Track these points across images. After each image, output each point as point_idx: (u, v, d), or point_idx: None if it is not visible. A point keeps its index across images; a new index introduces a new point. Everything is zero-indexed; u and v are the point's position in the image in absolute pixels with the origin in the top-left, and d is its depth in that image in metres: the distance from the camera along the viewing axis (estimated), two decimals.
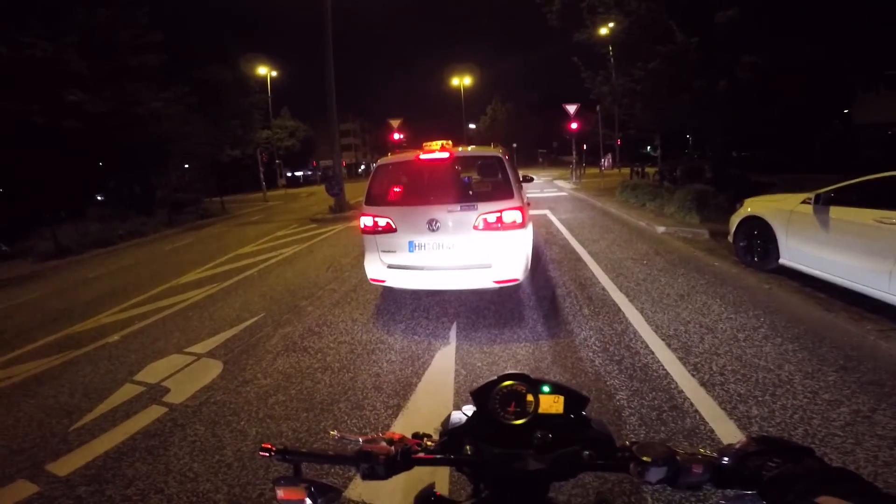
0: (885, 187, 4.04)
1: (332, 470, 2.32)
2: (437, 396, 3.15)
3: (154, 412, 3.27)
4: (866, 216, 3.95)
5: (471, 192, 4.91)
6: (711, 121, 11.90)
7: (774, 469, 0.59)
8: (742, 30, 9.45)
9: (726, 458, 0.66)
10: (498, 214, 4.31)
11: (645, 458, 0.67)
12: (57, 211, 14.77)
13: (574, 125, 19.93)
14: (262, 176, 28.71)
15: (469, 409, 0.84)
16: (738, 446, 0.66)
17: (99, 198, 19.08)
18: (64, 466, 2.72)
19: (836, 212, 4.33)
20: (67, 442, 3.00)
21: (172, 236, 14.49)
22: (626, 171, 23.84)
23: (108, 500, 2.38)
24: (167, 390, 3.61)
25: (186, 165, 24.23)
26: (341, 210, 14.93)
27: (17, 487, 2.56)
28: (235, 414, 3.13)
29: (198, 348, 4.42)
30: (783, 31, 9.20)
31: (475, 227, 4.33)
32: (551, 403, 0.79)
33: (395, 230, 4.53)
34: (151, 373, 3.98)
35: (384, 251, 4.62)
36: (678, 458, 0.67)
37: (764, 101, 10.62)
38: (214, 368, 3.91)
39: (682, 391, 2.95)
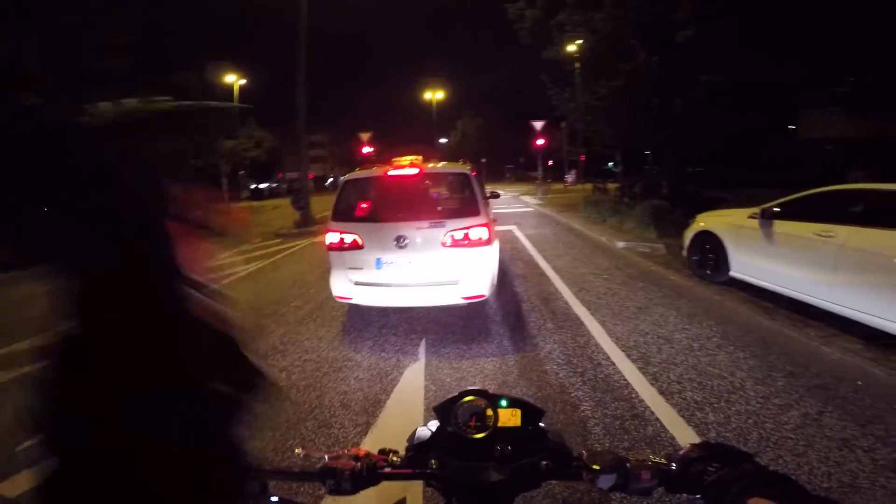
0: (824, 202, 4.38)
1: (302, 488, 2.28)
2: (406, 413, 3.15)
3: None
4: (807, 230, 4.25)
5: (439, 209, 4.94)
6: (668, 137, 12.52)
7: (713, 473, 0.63)
8: (699, 48, 10.06)
9: (673, 464, 0.70)
10: (465, 231, 4.37)
11: (594, 466, 0.72)
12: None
13: (540, 141, 20.51)
14: (224, 187, 27.92)
15: (433, 425, 0.88)
16: (682, 452, 0.71)
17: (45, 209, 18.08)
18: (12, 488, 2.55)
19: (779, 226, 4.64)
20: (15, 463, 2.81)
21: None
22: (590, 186, 24.59)
23: None
24: None
25: None
26: (307, 225, 14.53)
27: None
28: None
29: None
30: (736, 49, 9.85)
31: (443, 244, 4.36)
32: (510, 417, 0.83)
33: (362, 247, 4.50)
34: None
35: (351, 268, 4.58)
36: (628, 465, 0.72)
37: (717, 118, 11.28)
38: None
39: (642, 400, 3.08)
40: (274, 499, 0.72)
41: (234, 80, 28.21)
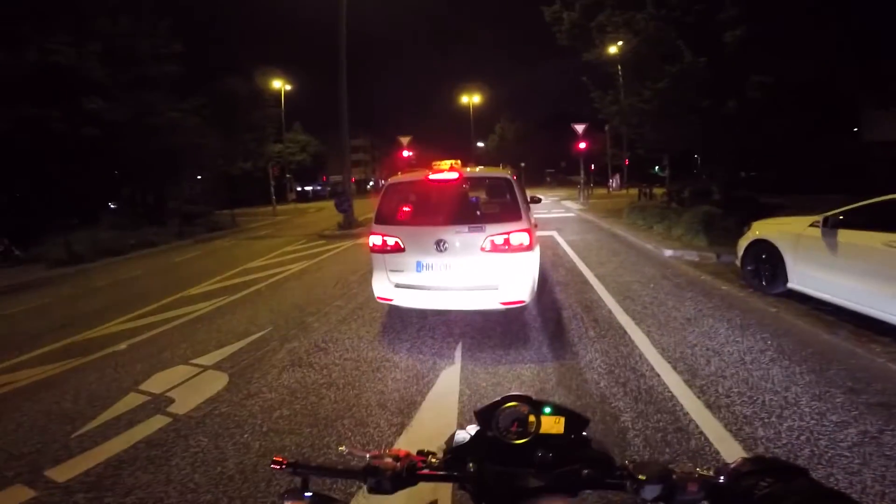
0: (893, 210, 4.04)
1: (335, 486, 2.33)
2: (441, 416, 3.15)
3: (158, 422, 3.29)
4: (875, 240, 3.94)
5: (479, 213, 4.93)
6: (720, 141, 11.94)
7: (765, 488, 0.60)
8: (750, 49, 9.56)
9: (722, 477, 0.67)
10: (506, 236, 4.34)
11: (640, 477, 0.69)
12: (70, 217, 14.97)
13: (582, 145, 20.07)
14: (272, 190, 29.05)
15: (473, 429, 0.87)
16: (733, 466, 0.67)
17: (112, 206, 19.38)
18: (63, 472, 2.73)
19: (844, 235, 4.31)
20: (68, 448, 3.01)
21: (182, 248, 14.66)
22: (634, 191, 23.87)
23: None
24: (172, 401, 3.63)
25: (199, 177, 24.59)
26: (350, 227, 14.88)
27: (13, 492, 2.57)
28: (239, 427, 3.14)
29: (204, 360, 4.45)
30: (791, 51, 9.30)
31: (482, 249, 4.35)
32: (553, 424, 0.82)
33: (403, 250, 4.56)
34: (157, 383, 4.01)
35: (392, 270, 4.65)
36: (674, 476, 0.69)
37: (772, 120, 10.66)
38: (220, 380, 3.93)
39: (687, 413, 2.94)
40: (308, 494, 0.74)
41: (280, 85, 29.31)
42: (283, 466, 0.81)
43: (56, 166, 14.63)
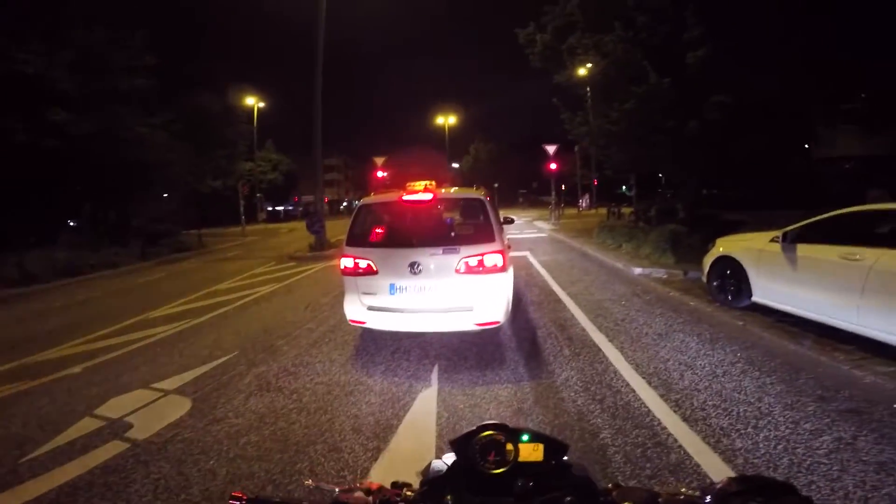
0: (848, 224, 4.27)
1: None
2: (418, 439, 3.06)
3: (114, 447, 3.11)
4: (832, 253, 4.13)
5: (453, 234, 4.90)
6: (683, 160, 12.43)
7: None
8: (710, 68, 10.08)
9: (708, 498, 0.65)
10: (479, 258, 4.33)
11: None
12: (26, 236, 14.13)
13: (553, 165, 20.56)
14: (241, 209, 28.40)
15: (449, 458, 0.84)
16: (719, 486, 0.65)
17: (72, 223, 18.46)
18: (12, 499, 2.54)
19: (803, 249, 4.52)
20: (17, 473, 2.82)
21: (145, 269, 14.05)
22: (604, 211, 24.52)
23: None
24: (130, 426, 3.43)
25: (165, 195, 23.79)
26: (322, 248, 14.49)
27: None
28: (204, 453, 2.97)
29: (165, 384, 4.22)
30: (748, 68, 9.84)
31: (457, 271, 4.32)
32: (531, 451, 0.80)
33: (376, 272, 4.48)
34: (114, 407, 3.78)
35: (364, 293, 4.56)
36: (660, 500, 0.67)
37: (731, 140, 11.18)
38: (182, 405, 3.73)
39: (665, 427, 2.95)
40: None
41: (253, 102, 29.02)
42: (244, 503, 0.75)
43: (12, 181, 13.83)
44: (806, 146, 19.77)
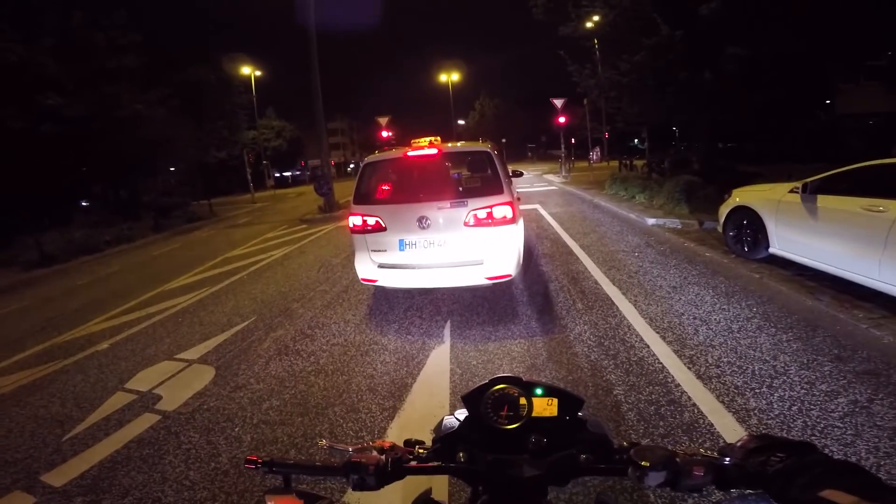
0: (872, 175, 4.07)
1: (326, 482, 2.28)
2: (433, 397, 3.12)
3: (147, 420, 3.22)
4: (854, 204, 3.97)
5: (460, 189, 4.85)
6: (698, 113, 11.95)
7: (777, 464, 0.57)
8: (725, 21, 9.50)
9: (728, 458, 0.63)
10: (488, 210, 4.28)
11: (643, 463, 0.65)
12: (41, 219, 14.40)
13: (562, 119, 19.96)
14: (249, 177, 28.37)
15: (462, 414, 0.83)
16: (739, 444, 0.64)
17: (84, 203, 18.68)
18: (59, 477, 2.67)
19: (823, 200, 4.35)
20: (61, 452, 2.95)
21: (160, 241, 14.26)
22: (615, 163, 23.96)
23: None
24: (159, 397, 3.54)
25: (172, 168, 23.81)
26: (331, 210, 14.81)
27: (13, 499, 2.51)
28: (229, 420, 3.08)
29: (189, 354, 4.35)
30: (765, 23, 9.28)
31: (466, 224, 4.30)
32: (545, 406, 0.78)
33: (384, 229, 4.48)
34: (143, 380, 3.91)
35: (374, 250, 4.58)
36: (678, 459, 0.65)
37: (748, 93, 10.68)
38: (206, 374, 3.85)
39: (679, 385, 2.95)
40: (290, 491, 0.69)
41: (250, 71, 28.37)
42: (259, 466, 0.75)
43: (18, 167, 13.98)
44: (828, 101, 18.91)
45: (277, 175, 47.06)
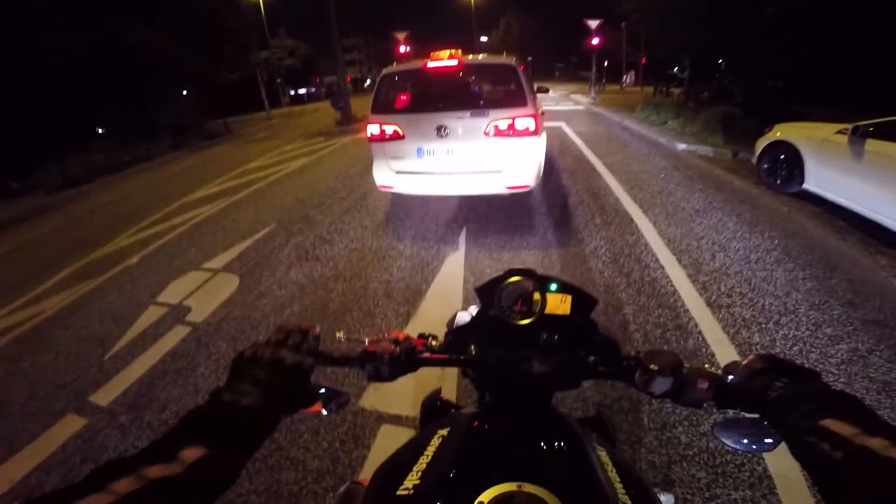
0: None
1: (348, 379, 2.42)
2: (446, 303, 3.21)
3: (179, 332, 3.27)
4: None
5: (482, 101, 4.71)
6: (751, 51, 10.74)
7: (780, 389, 0.55)
8: None
9: (731, 376, 0.62)
10: (510, 121, 4.18)
11: (652, 367, 0.64)
12: (60, 147, 14.50)
13: (595, 41, 18.55)
14: (263, 94, 27.65)
15: (475, 309, 0.84)
16: (743, 363, 0.61)
17: (99, 130, 18.56)
18: (104, 396, 2.71)
19: (872, 145, 4.09)
20: (104, 371, 2.97)
21: (179, 158, 14.24)
22: (649, 89, 22.50)
23: (148, 426, 2.40)
24: (189, 309, 3.60)
25: (185, 92, 23.17)
26: (348, 123, 14.81)
27: (68, 422, 2.53)
28: (254, 328, 3.19)
29: (214, 263, 4.46)
30: None
31: (486, 134, 4.23)
32: (558, 303, 0.78)
33: (402, 137, 4.44)
34: (173, 292, 3.95)
35: (392, 158, 4.57)
36: (684, 371, 0.64)
37: (813, 33, 9.38)
38: (231, 283, 3.96)
39: (688, 310, 2.93)
40: (322, 390, 0.69)
41: None
42: None
43: (31, 100, 13.84)
44: None
45: (292, 93, 45.69)
